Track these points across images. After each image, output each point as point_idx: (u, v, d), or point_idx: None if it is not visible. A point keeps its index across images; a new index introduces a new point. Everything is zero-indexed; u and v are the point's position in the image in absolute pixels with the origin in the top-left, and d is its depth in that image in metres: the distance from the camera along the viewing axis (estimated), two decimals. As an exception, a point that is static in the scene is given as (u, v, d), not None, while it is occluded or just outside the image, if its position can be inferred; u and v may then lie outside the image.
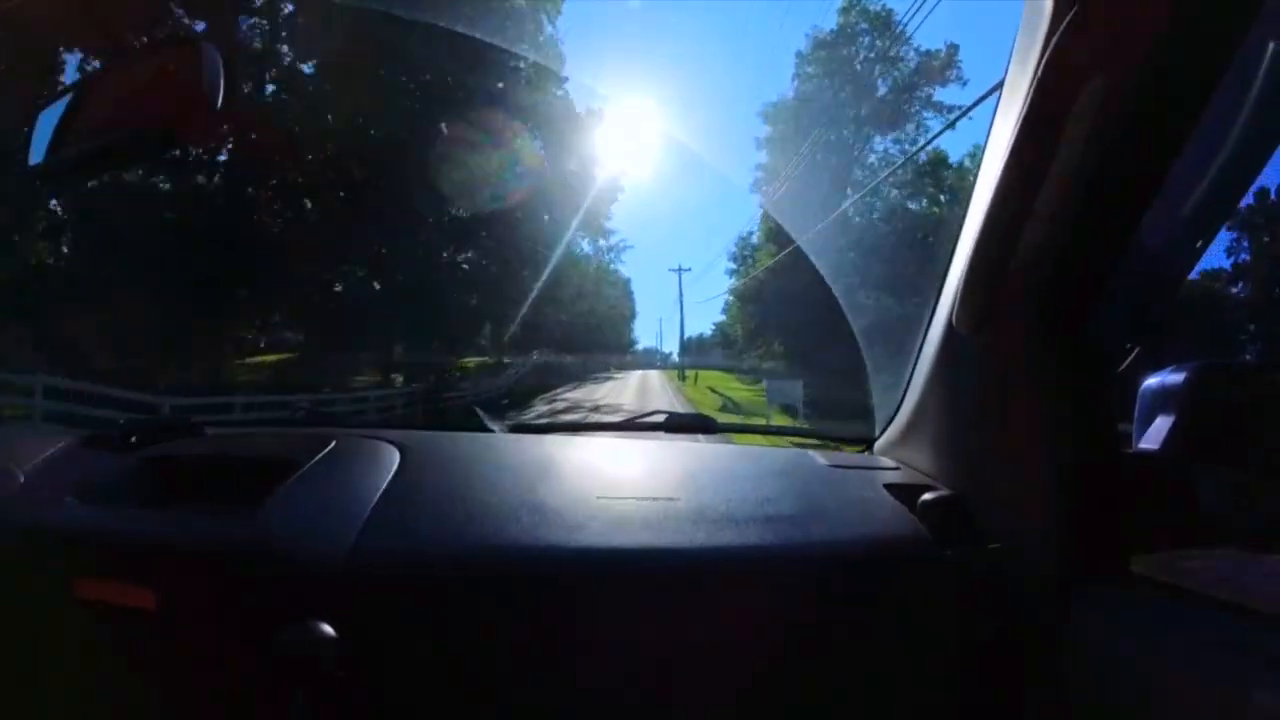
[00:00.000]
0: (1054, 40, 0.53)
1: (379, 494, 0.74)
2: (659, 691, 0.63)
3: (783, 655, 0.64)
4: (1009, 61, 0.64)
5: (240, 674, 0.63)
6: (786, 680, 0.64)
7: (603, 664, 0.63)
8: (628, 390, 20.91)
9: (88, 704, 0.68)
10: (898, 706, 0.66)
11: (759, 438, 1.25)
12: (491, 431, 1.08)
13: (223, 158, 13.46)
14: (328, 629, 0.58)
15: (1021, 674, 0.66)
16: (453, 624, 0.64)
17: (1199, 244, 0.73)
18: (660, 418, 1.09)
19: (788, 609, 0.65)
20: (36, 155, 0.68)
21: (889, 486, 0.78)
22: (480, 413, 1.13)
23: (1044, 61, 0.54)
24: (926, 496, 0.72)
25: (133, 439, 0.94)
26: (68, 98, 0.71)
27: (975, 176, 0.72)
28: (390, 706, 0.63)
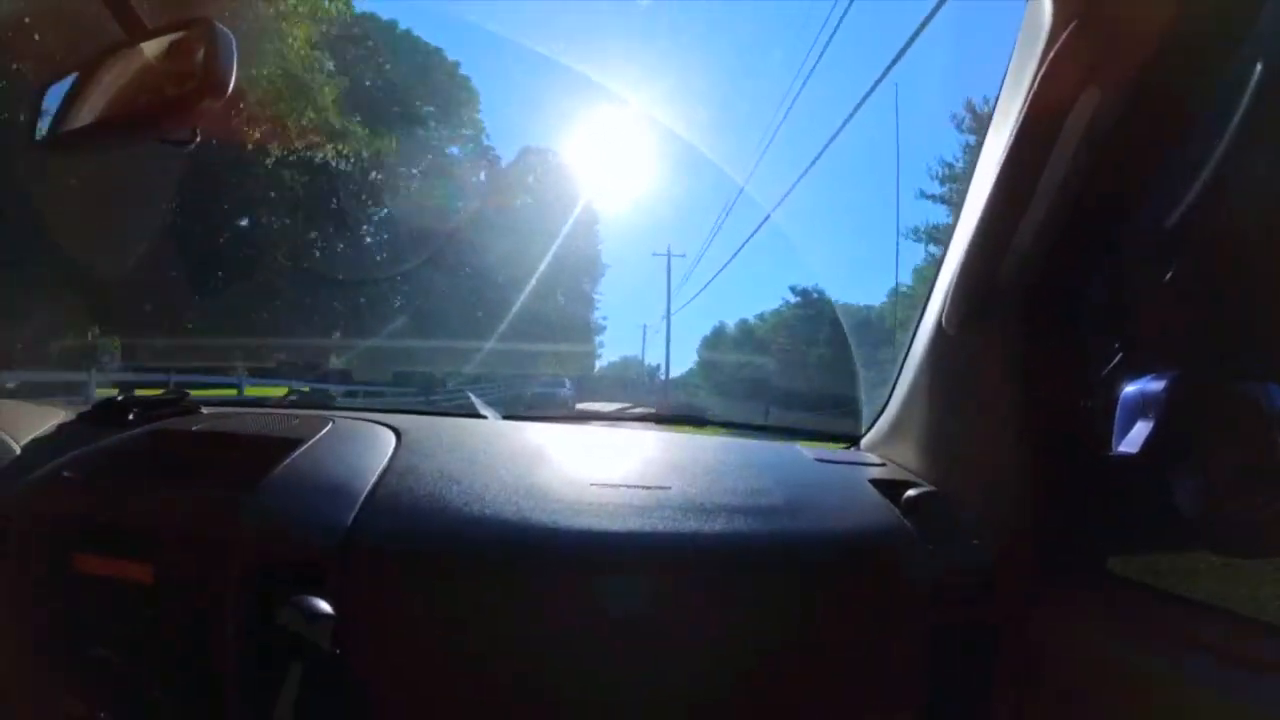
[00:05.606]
0: (1051, 53, 0.55)
1: (376, 475, 0.75)
2: (647, 671, 0.65)
3: (765, 640, 0.66)
4: (1005, 72, 0.66)
5: (238, 649, 0.64)
6: (767, 664, 0.66)
7: (594, 644, 0.65)
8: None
9: (86, 677, 0.68)
10: (871, 693, 0.68)
11: (747, 432, 1.27)
12: (484, 418, 1.10)
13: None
14: (324, 605, 0.59)
15: (994, 666, 0.68)
16: (447, 602, 0.65)
17: (1183, 252, 0.75)
18: (651, 409, 1.12)
19: (773, 596, 0.67)
20: (43, 130, 0.68)
21: (874, 482, 0.80)
22: (474, 399, 1.15)
23: (1041, 73, 0.56)
24: (910, 492, 0.74)
25: (130, 415, 0.95)
26: (75, 74, 0.71)
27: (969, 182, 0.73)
28: (385, 681, 0.65)
